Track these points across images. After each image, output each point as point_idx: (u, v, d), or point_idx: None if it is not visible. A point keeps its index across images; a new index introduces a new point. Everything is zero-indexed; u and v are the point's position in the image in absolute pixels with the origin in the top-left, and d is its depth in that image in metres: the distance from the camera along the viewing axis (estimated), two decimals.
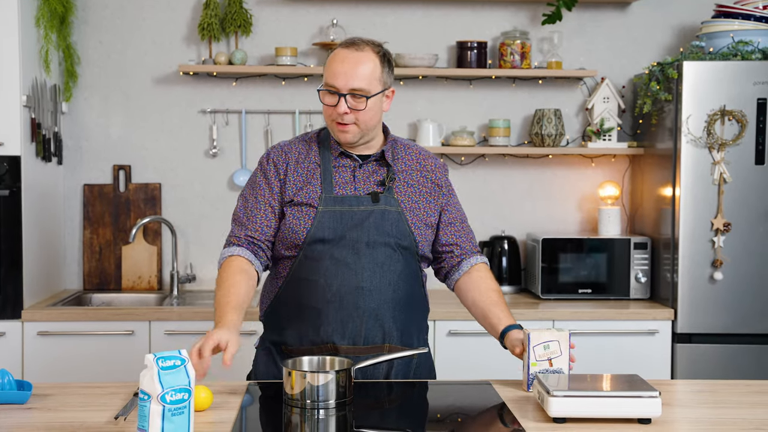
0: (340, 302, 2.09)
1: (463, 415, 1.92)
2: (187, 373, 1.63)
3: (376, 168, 2.19)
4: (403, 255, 2.14)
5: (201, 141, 3.75)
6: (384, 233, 2.12)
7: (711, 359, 3.30)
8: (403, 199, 2.17)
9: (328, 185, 2.14)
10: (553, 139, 3.66)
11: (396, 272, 2.13)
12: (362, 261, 2.09)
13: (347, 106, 2.09)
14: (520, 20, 3.79)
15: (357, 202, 2.13)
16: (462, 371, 3.20)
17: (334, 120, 2.12)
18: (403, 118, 3.76)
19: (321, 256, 2.10)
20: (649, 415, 1.77)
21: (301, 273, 2.12)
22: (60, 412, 1.84)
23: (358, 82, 2.09)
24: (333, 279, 2.09)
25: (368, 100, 2.10)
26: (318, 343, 2.10)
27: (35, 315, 3.20)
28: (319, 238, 2.10)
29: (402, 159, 2.22)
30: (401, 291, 2.14)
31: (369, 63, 2.11)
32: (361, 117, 2.11)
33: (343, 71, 2.09)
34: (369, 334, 2.10)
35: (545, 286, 3.52)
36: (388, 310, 2.12)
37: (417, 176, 2.22)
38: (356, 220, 2.11)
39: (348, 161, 2.17)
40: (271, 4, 3.74)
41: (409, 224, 2.15)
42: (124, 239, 3.70)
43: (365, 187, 2.16)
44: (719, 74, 3.28)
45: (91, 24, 3.70)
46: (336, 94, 2.10)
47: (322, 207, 2.11)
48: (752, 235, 3.30)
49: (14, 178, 3.18)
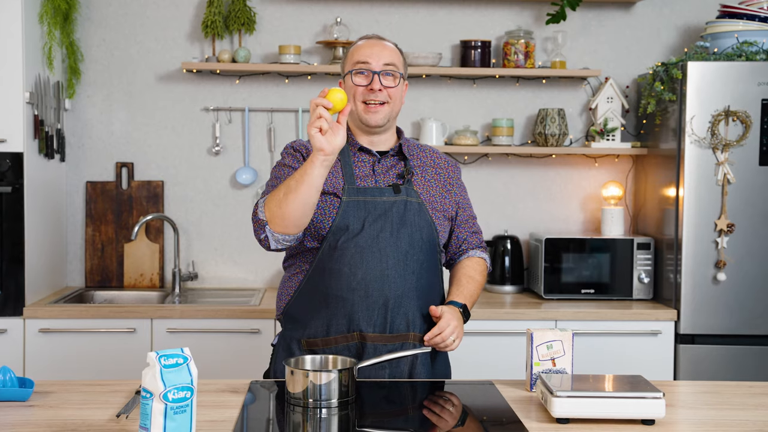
0: (366, 290, 2.11)
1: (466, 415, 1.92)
2: (190, 372, 1.63)
3: (394, 162, 2.24)
4: (425, 245, 2.17)
5: (204, 139, 3.75)
6: (407, 223, 2.15)
7: (714, 360, 3.29)
8: (422, 192, 2.22)
9: (350, 177, 2.17)
10: (557, 138, 3.65)
11: (419, 261, 2.16)
12: (386, 249, 2.12)
13: (381, 83, 2.16)
14: (524, 20, 3.78)
15: (379, 193, 2.16)
16: (464, 371, 3.19)
17: (365, 101, 2.17)
18: (406, 117, 3.76)
19: (345, 245, 2.12)
20: (653, 416, 1.76)
21: (325, 263, 2.14)
22: (61, 409, 1.84)
23: (390, 58, 2.19)
24: (358, 267, 2.11)
25: (400, 76, 2.20)
26: (345, 332, 2.12)
27: (37, 312, 3.20)
28: (344, 227, 2.12)
29: (417, 156, 2.29)
30: (424, 280, 2.17)
31: (393, 49, 2.24)
32: (393, 95, 2.19)
33: (375, 51, 2.18)
34: (395, 322, 2.13)
35: (548, 286, 3.52)
36: (413, 298, 2.14)
37: (432, 172, 2.28)
38: (380, 210, 2.14)
39: (367, 156, 2.22)
40: (274, 2, 3.74)
41: (430, 215, 2.20)
42: (127, 236, 3.69)
43: (385, 180, 2.20)
44: (723, 75, 3.27)
45: (95, 21, 3.70)
46: (369, 73, 2.17)
47: (346, 197, 2.14)
48: (756, 236, 3.29)
49: (17, 175, 3.18)
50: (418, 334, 2.15)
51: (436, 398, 2.03)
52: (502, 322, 3.28)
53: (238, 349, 3.20)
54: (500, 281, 3.67)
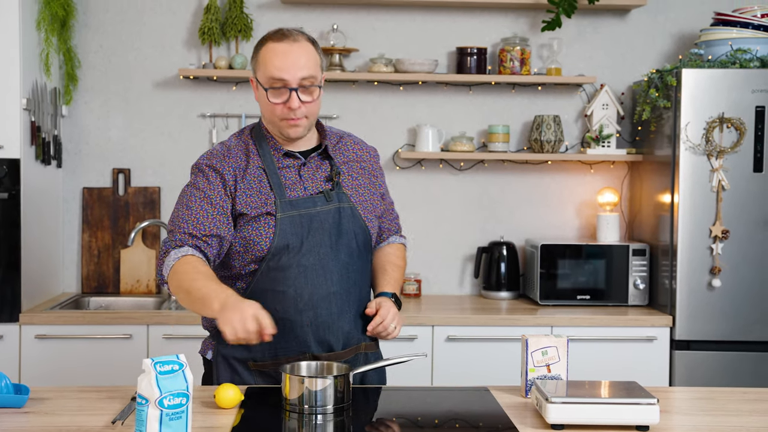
0: (314, 311, 2.04)
1: (461, 421, 1.92)
2: (185, 378, 1.63)
3: (319, 163, 2.12)
4: (361, 251, 2.12)
5: (200, 145, 3.75)
6: (342, 232, 2.08)
7: (709, 366, 3.30)
8: (351, 194, 2.13)
9: (279, 189, 2.05)
10: (552, 145, 3.67)
11: (357, 270, 2.11)
12: (329, 265, 2.05)
13: (299, 99, 2.01)
14: (519, 27, 3.80)
15: (312, 203, 2.06)
16: (460, 377, 3.20)
17: (285, 117, 2.03)
18: (402, 124, 3.77)
19: (287, 265, 2.02)
20: (647, 422, 1.77)
21: (265, 284, 2.04)
22: (57, 416, 1.84)
23: (307, 70, 2.01)
24: (303, 288, 2.03)
25: (319, 89, 2.05)
26: (296, 353, 2.05)
27: (33, 318, 3.20)
28: (284, 246, 2.02)
29: (340, 151, 2.17)
30: (365, 288, 2.14)
31: (309, 51, 2.04)
32: (312, 108, 2.05)
33: (289, 64, 2.00)
34: (346, 337, 2.09)
35: (544, 292, 3.52)
36: (356, 308, 2.11)
37: (357, 168, 2.18)
38: (316, 223, 2.05)
39: (291, 161, 2.09)
40: (271, 9, 3.75)
41: (363, 219, 2.12)
42: (123, 243, 3.70)
43: (314, 186, 2.09)
44: (718, 82, 3.29)
45: (92, 27, 3.71)
46: (285, 90, 2.01)
47: (281, 213, 2.03)
48: (751, 242, 3.31)
49: (14, 181, 3.18)
50: (369, 343, 2.13)
51: (432, 404, 2.04)
52: (497, 328, 3.29)
53: None
54: (496, 287, 3.68)
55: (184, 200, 2.07)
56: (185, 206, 2.06)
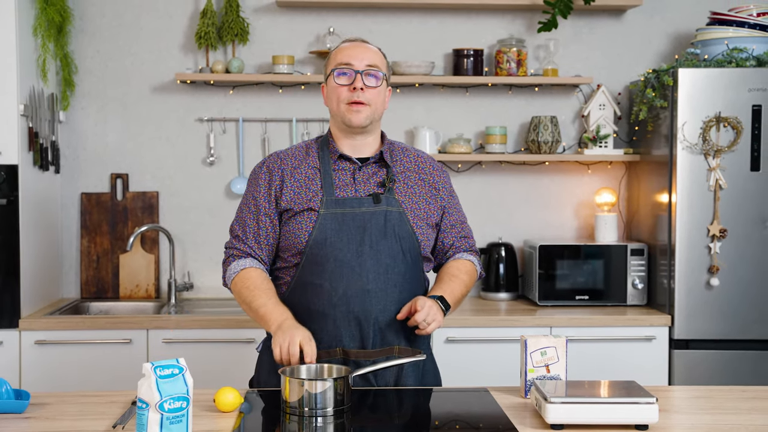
0: (347, 306, 2.09)
1: (461, 422, 1.93)
2: (185, 382, 1.63)
3: (375, 170, 2.19)
4: (406, 256, 2.14)
5: (198, 149, 3.76)
6: (387, 234, 2.12)
7: (708, 365, 3.31)
8: (403, 200, 2.18)
9: (329, 188, 2.14)
10: (550, 146, 3.67)
11: (400, 273, 2.13)
12: (366, 263, 2.09)
13: (364, 83, 2.14)
14: (516, 28, 3.81)
15: (359, 204, 2.13)
16: (459, 378, 3.20)
17: (348, 101, 2.14)
18: (400, 126, 3.77)
19: (325, 259, 2.10)
20: (646, 422, 1.77)
21: (305, 277, 2.12)
22: (57, 421, 1.84)
23: (372, 59, 2.17)
24: (338, 282, 2.09)
25: (386, 82, 2.19)
26: (327, 347, 2.11)
27: (33, 324, 3.20)
28: (322, 241, 2.10)
29: (400, 161, 2.24)
30: (406, 292, 2.14)
31: (377, 52, 2.22)
32: (375, 97, 2.16)
33: (357, 53, 2.17)
34: (377, 337, 2.11)
35: (542, 292, 3.53)
36: (395, 312, 2.11)
37: (415, 178, 2.23)
38: (359, 222, 2.11)
39: (347, 164, 2.18)
40: (268, 13, 3.76)
41: (411, 224, 2.16)
42: (122, 247, 3.70)
43: (366, 189, 2.16)
44: (714, 81, 3.30)
45: (89, 33, 3.71)
46: (351, 73, 2.14)
47: (324, 210, 2.12)
48: (748, 241, 3.31)
49: (12, 187, 3.19)
50: (404, 347, 2.13)
51: (432, 405, 2.04)
52: (496, 329, 3.30)
53: (234, 358, 3.20)
54: (495, 288, 3.68)
55: (242, 205, 2.25)
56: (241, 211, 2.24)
